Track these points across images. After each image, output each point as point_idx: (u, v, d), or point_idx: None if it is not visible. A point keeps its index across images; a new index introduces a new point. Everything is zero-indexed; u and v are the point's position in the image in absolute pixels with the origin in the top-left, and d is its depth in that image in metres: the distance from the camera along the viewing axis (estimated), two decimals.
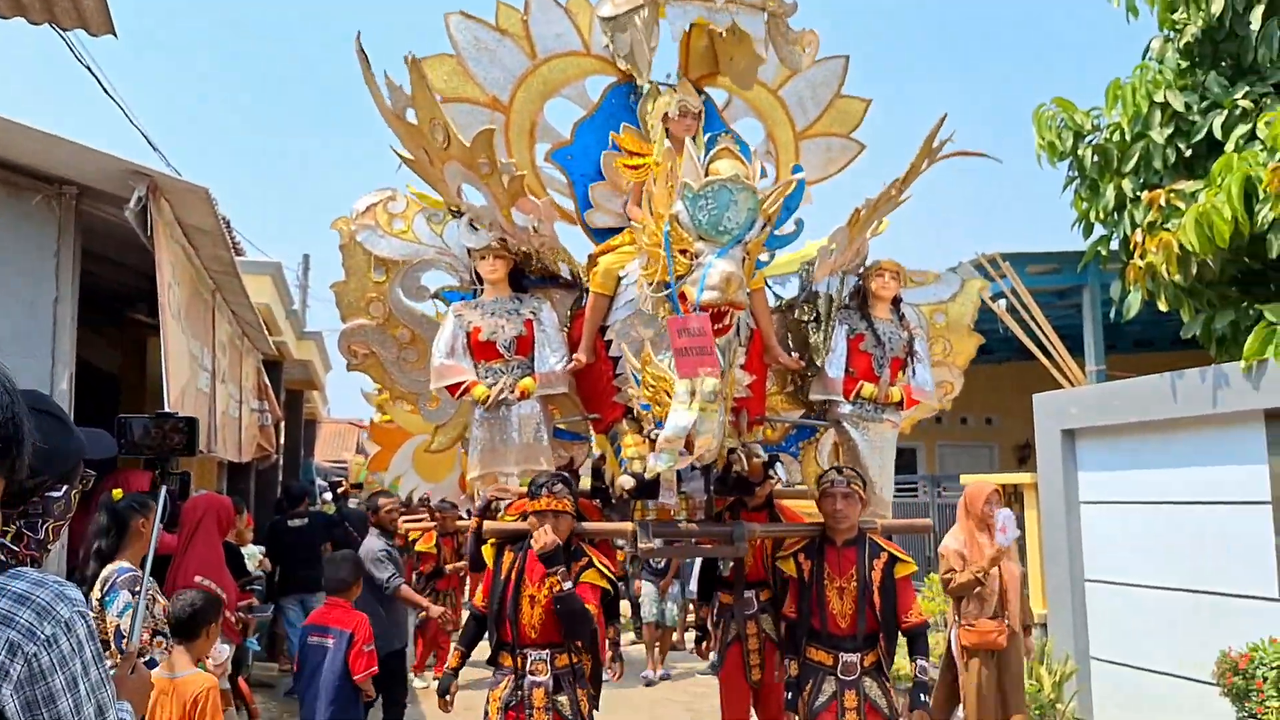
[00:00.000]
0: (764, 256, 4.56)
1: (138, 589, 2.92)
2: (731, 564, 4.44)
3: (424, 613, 6.98)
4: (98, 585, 3.64)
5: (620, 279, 4.22)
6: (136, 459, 2.57)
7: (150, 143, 10.51)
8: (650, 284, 3.81)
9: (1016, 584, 5.20)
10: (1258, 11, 6.73)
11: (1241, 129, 6.64)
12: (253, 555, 6.94)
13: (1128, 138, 7.28)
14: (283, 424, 10.49)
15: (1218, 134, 6.80)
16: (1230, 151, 6.41)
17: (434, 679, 7.98)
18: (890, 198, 4.23)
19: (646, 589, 9.01)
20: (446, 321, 4.22)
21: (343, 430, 27.45)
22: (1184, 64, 7.33)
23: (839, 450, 4.64)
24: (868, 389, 4.30)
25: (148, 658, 3.42)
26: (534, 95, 4.53)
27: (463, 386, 4.07)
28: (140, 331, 7.54)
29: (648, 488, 3.92)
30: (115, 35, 4.95)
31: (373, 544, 6.51)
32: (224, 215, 5.90)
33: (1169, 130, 7.07)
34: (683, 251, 3.61)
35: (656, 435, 3.79)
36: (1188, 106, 7.01)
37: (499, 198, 4.02)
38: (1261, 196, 5.94)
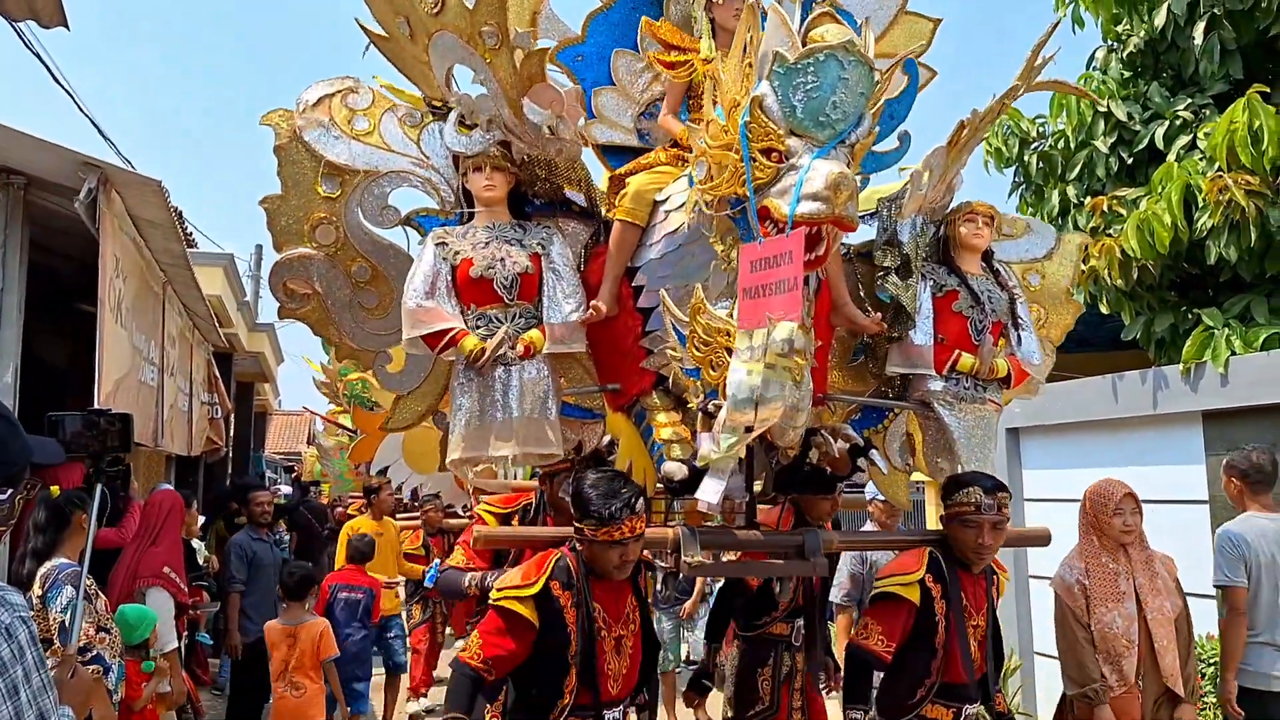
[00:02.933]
0: None
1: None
2: (791, 588, 3.42)
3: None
4: (37, 582, 3.59)
5: (657, 204, 3.20)
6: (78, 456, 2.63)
7: (101, 132, 9.37)
8: (710, 201, 2.79)
9: (1169, 629, 3.57)
10: (1199, 26, 7.05)
11: (1182, 139, 7.06)
12: (200, 550, 6.60)
13: (1072, 145, 7.67)
14: (233, 417, 10.30)
15: (1159, 143, 7.18)
16: (1171, 161, 6.82)
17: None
18: (996, 114, 3.31)
19: (662, 624, 6.71)
20: (425, 251, 3.14)
21: (294, 422, 27.15)
22: (1127, 74, 7.76)
23: (914, 441, 3.68)
24: (966, 360, 3.35)
25: (94, 653, 3.46)
26: None
27: (446, 337, 3.00)
28: (90, 324, 7.35)
29: (689, 483, 2.91)
30: (68, 27, 4.53)
31: (239, 537, 6.31)
32: (176, 207, 5.93)
33: (1112, 139, 7.50)
34: (766, 151, 2.61)
35: (714, 407, 2.78)
36: (1130, 116, 7.42)
37: (506, 82, 2.97)
38: (1200, 205, 6.31)
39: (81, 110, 7.32)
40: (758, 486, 3.21)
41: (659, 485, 3.26)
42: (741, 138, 2.64)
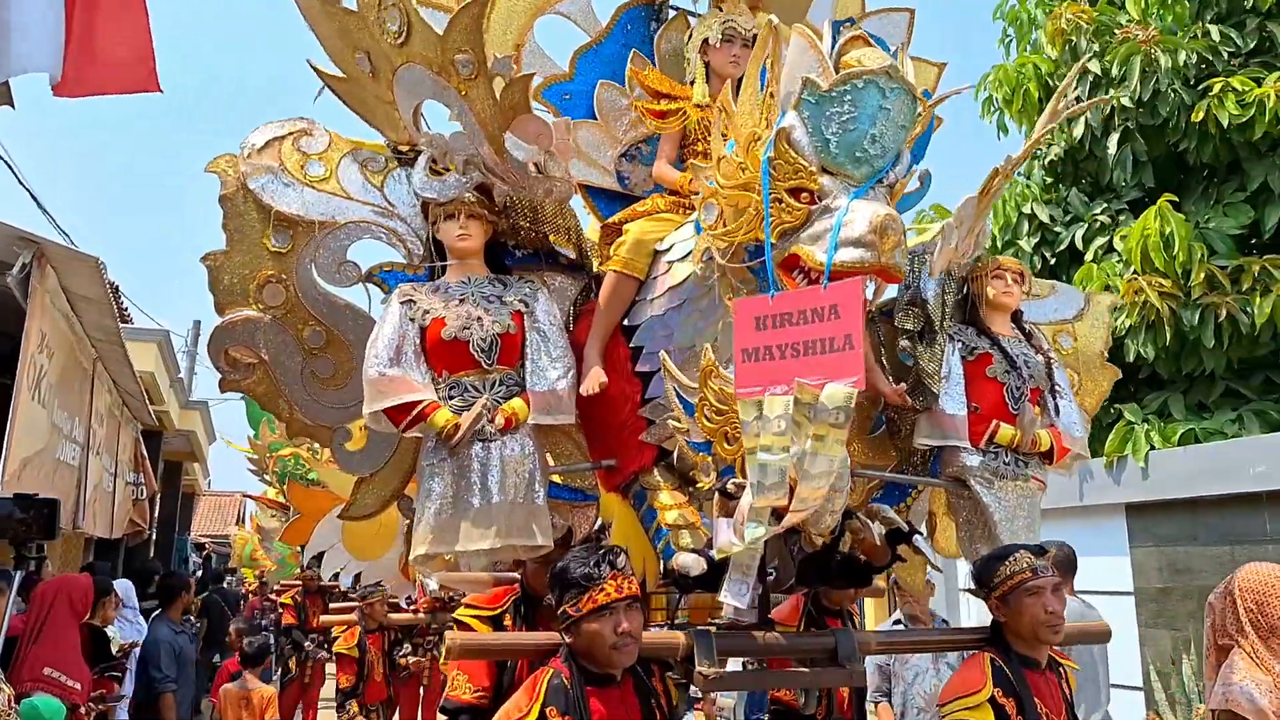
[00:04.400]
0: None
1: None
2: (817, 698, 2.95)
3: None
4: None
5: (658, 254, 2.82)
6: None
7: (40, 205, 8.83)
8: (723, 249, 2.42)
9: None
10: (1114, 137, 7.55)
11: (1100, 241, 7.48)
12: (115, 638, 5.91)
13: (999, 244, 7.95)
14: (158, 497, 9.88)
15: (1079, 245, 7.60)
16: (1090, 262, 7.33)
17: None
18: (1024, 159, 3.01)
19: None
20: (389, 310, 2.72)
21: (223, 503, 26.36)
22: (1049, 180, 8.27)
23: (934, 521, 3.28)
24: (1006, 431, 2.97)
25: None
26: (522, 8, 3.16)
27: (414, 411, 2.56)
28: (7, 400, 6.80)
29: (706, 578, 2.47)
30: (13, 106, 4.37)
31: (162, 632, 5.92)
32: (113, 281, 5.98)
33: (1035, 239, 7.94)
34: (794, 191, 2.25)
35: (735, 487, 2.36)
36: (1052, 218, 7.90)
37: (485, 115, 2.59)
38: (1118, 305, 6.38)
39: (20, 183, 6.87)
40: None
41: (661, 580, 2.82)
42: (763, 176, 2.27)
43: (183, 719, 5.62)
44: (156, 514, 10.19)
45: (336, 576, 10.12)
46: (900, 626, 4.25)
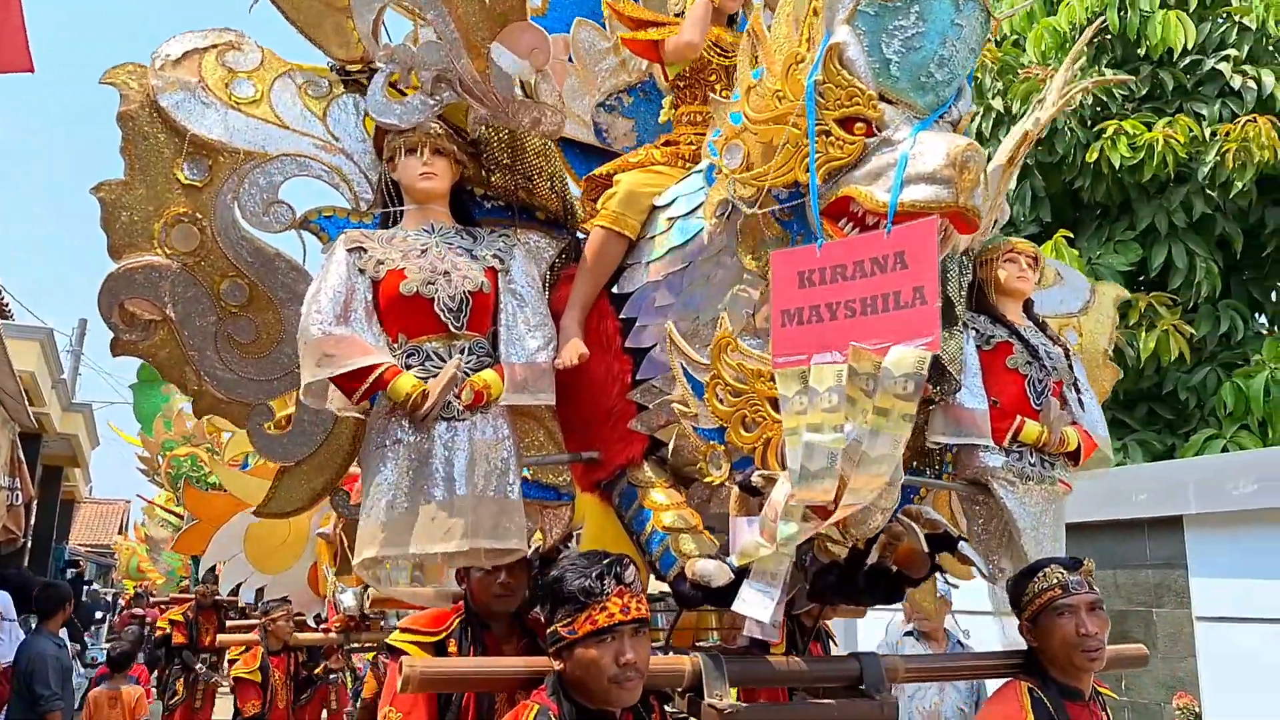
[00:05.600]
0: None
1: None
2: None
3: None
4: None
5: (657, 211, 2.41)
6: None
7: None
8: (751, 196, 2.02)
9: None
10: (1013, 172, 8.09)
11: None
12: None
13: None
14: (35, 504, 9.24)
15: None
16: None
17: None
18: (1046, 125, 2.72)
19: None
20: (333, 259, 2.21)
21: (105, 512, 24.99)
22: None
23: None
24: (1032, 429, 2.65)
25: None
26: None
27: (371, 376, 2.07)
28: None
29: (719, 592, 2.05)
30: None
31: (45, 647, 5.53)
32: None
33: None
34: (846, 122, 1.87)
35: (761, 480, 1.96)
36: None
37: (468, 21, 2.14)
38: (1123, 299, 6.71)
39: None
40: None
41: (651, 595, 2.39)
42: (808, 103, 1.89)
43: None
44: (33, 521, 9.39)
45: (236, 591, 9.30)
46: (911, 638, 3.88)
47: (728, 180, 2.09)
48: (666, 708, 2.07)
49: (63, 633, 5.99)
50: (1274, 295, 7.95)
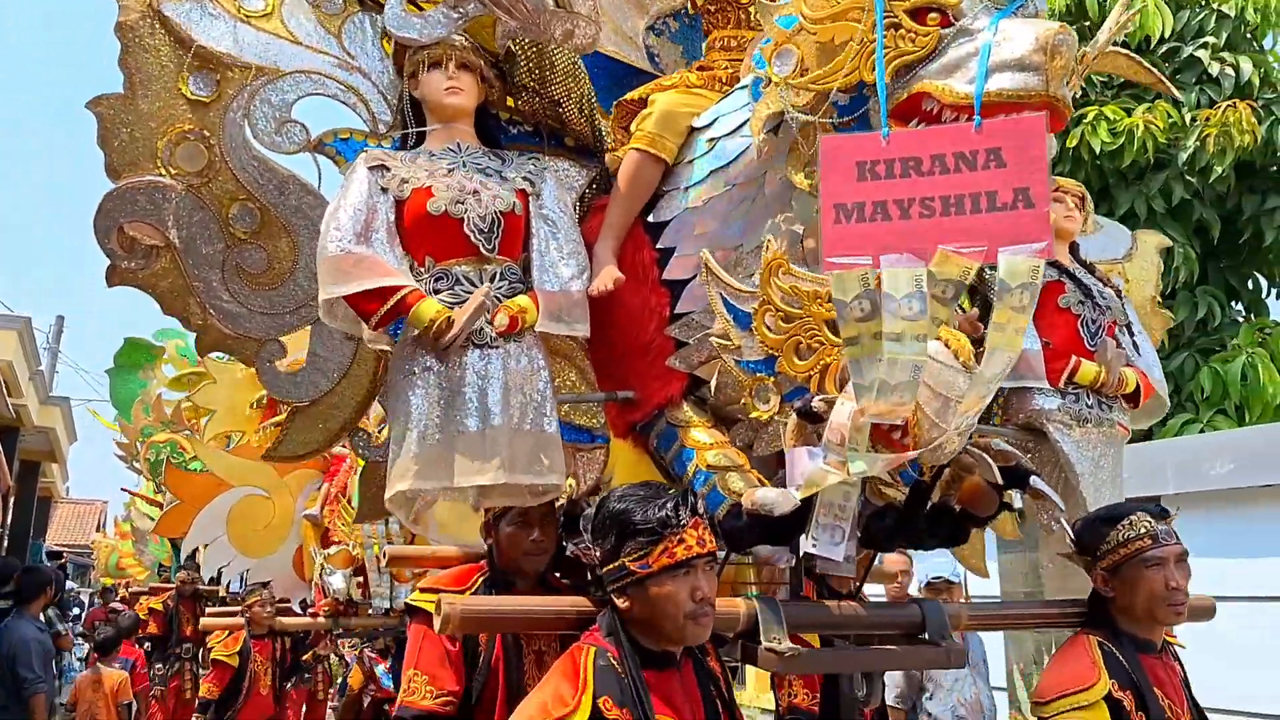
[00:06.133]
0: None
1: None
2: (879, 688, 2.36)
3: None
4: None
5: (695, 132, 2.25)
6: None
7: None
8: (804, 104, 1.88)
9: None
10: None
11: None
12: None
13: None
14: (11, 495, 9.07)
15: None
16: None
17: None
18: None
19: None
20: (354, 178, 2.04)
21: (82, 512, 24.42)
22: None
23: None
24: (1088, 369, 2.51)
25: None
26: None
27: (392, 299, 1.91)
28: None
29: (783, 524, 1.89)
30: None
31: (27, 630, 5.40)
32: None
33: None
34: (917, 13, 1.73)
35: (822, 406, 1.81)
36: None
37: None
38: (1165, 246, 6.53)
39: None
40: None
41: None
42: None
43: None
44: (10, 512, 9.16)
45: (217, 579, 9.05)
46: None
47: (779, 90, 1.95)
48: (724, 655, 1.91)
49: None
50: (1250, 282, 7.91)
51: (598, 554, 1.64)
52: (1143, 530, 2.09)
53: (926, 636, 2.00)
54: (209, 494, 6.03)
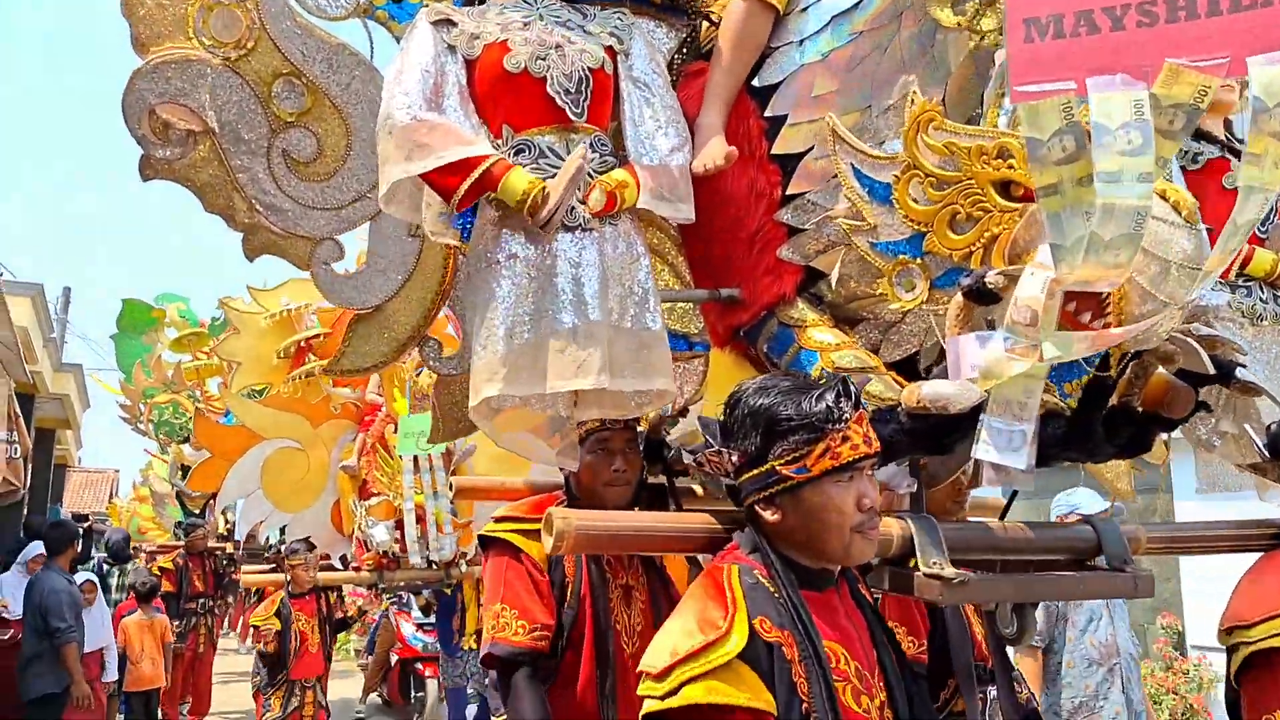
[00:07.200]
0: None
1: None
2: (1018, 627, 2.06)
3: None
4: None
5: None
6: None
7: None
8: None
9: None
10: None
11: None
12: None
13: None
14: (30, 463, 8.83)
15: None
16: None
17: None
18: None
19: None
20: (416, 35, 1.74)
21: (95, 480, 24.71)
22: None
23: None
24: (1264, 258, 2.17)
25: None
26: None
27: (477, 172, 1.60)
28: None
29: (951, 425, 1.57)
30: None
31: (57, 582, 5.51)
32: None
33: None
34: None
35: (999, 282, 1.49)
36: None
37: None
38: None
39: None
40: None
41: None
42: None
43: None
44: (30, 474, 9.12)
45: (228, 534, 8.99)
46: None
47: None
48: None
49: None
50: None
51: (734, 458, 1.34)
52: None
53: (1104, 561, 1.69)
54: (241, 447, 5.86)
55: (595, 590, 2.02)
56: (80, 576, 6.69)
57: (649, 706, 1.19)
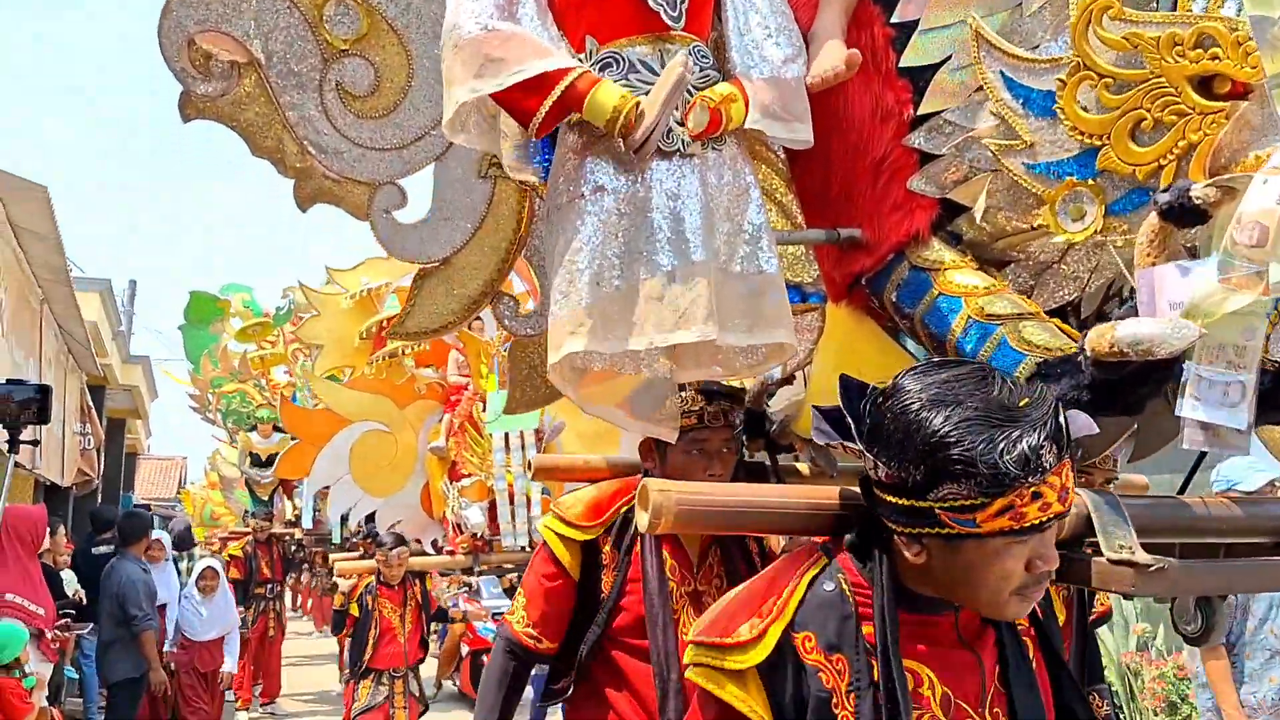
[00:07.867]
0: None
1: None
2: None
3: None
4: None
5: None
6: None
7: None
8: None
9: None
10: None
11: None
12: (70, 581, 5.72)
13: None
14: (102, 452, 9.24)
15: None
16: None
17: None
18: None
19: None
20: None
21: (164, 467, 25.64)
22: None
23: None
24: None
25: None
26: None
27: (559, 88, 1.36)
28: None
29: (1150, 373, 1.28)
30: None
31: (133, 570, 5.60)
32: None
33: None
34: None
35: (1202, 192, 1.19)
36: None
37: None
38: None
39: None
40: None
41: None
42: None
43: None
44: (102, 469, 9.43)
45: (294, 520, 9.03)
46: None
47: None
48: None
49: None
50: None
51: (882, 473, 1.05)
52: None
53: None
54: (328, 431, 5.80)
55: (651, 600, 1.78)
56: (202, 563, 6.96)
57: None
